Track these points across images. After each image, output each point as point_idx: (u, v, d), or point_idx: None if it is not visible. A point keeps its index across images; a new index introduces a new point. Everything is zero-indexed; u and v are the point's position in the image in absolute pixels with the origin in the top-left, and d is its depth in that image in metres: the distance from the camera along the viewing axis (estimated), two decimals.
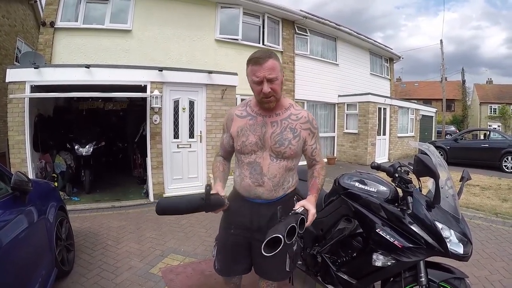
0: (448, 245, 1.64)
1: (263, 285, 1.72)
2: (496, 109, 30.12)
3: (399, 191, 1.93)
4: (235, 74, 6.29)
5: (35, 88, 5.14)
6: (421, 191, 1.93)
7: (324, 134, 10.76)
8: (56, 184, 5.23)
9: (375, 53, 13.10)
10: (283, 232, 1.23)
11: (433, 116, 15.42)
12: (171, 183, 5.82)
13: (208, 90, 6.04)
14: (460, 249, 1.66)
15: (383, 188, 1.99)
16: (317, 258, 2.19)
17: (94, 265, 3.02)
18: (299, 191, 2.43)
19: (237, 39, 8.42)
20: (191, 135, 6.01)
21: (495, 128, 21.85)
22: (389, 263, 1.78)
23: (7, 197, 2.05)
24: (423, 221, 1.72)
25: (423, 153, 1.92)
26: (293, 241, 1.67)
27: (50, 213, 2.57)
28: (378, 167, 1.98)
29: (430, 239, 1.68)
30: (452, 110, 32.39)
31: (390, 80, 14.29)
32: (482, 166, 9.49)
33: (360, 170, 2.28)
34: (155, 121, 5.55)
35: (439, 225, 1.68)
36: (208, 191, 1.41)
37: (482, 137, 14.02)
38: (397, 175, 1.89)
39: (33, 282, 1.97)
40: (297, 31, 9.88)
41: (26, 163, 4.99)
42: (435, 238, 1.67)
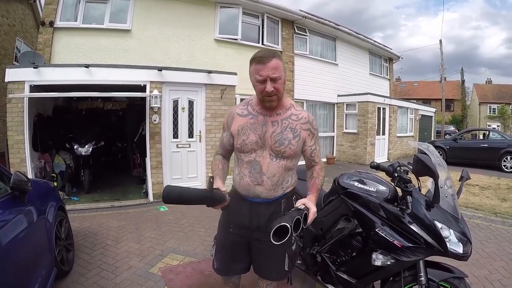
0: (448, 244, 1.64)
1: (262, 284, 1.72)
2: (495, 109, 30.17)
3: (399, 190, 1.93)
4: (235, 74, 6.29)
5: (34, 88, 5.13)
6: (420, 190, 1.93)
7: (323, 134, 10.76)
8: (56, 184, 5.22)
9: (374, 53, 13.10)
10: (291, 223, 1.23)
11: (432, 116, 15.43)
12: (171, 183, 5.76)
13: (208, 90, 6.04)
14: (460, 248, 1.66)
15: (382, 188, 1.99)
16: (316, 257, 2.19)
17: (94, 264, 3.01)
18: (298, 191, 2.43)
19: (236, 39, 8.42)
20: (190, 134, 6.01)
21: (494, 128, 21.85)
22: (388, 263, 1.79)
23: (7, 197, 2.05)
24: (422, 220, 1.72)
25: (423, 152, 1.92)
26: (297, 234, 1.67)
27: (49, 213, 2.57)
28: (378, 167, 1.99)
29: (429, 239, 1.68)
30: (451, 110, 32.41)
31: (389, 80, 14.29)
32: (481, 166, 9.51)
33: (359, 169, 2.28)
34: (155, 121, 5.55)
35: (439, 225, 1.68)
36: (211, 182, 1.40)
37: (481, 137, 14.03)
38: (396, 174, 1.90)
39: (33, 282, 1.96)
40: (296, 31, 9.87)
41: (25, 163, 4.99)
42: (434, 237, 1.67)
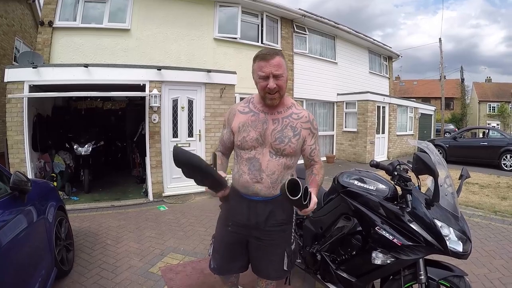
0: (448, 243, 1.64)
1: (262, 284, 1.72)
2: (495, 107, 30.15)
3: (398, 189, 1.94)
4: (234, 73, 6.28)
5: (34, 88, 5.13)
6: (420, 189, 1.93)
7: (323, 133, 10.76)
8: (55, 184, 5.22)
9: (374, 52, 13.08)
10: (302, 185, 1.22)
11: (432, 115, 15.41)
12: (170, 182, 5.82)
13: (207, 89, 6.04)
14: (460, 247, 1.66)
15: (382, 186, 1.99)
16: (316, 256, 2.19)
17: (94, 264, 3.02)
18: None
19: (235, 38, 8.40)
20: (190, 134, 6.01)
21: (494, 127, 21.87)
22: (388, 261, 1.79)
23: (6, 197, 2.05)
24: (422, 219, 1.72)
25: (422, 151, 1.92)
26: (293, 230, 1.67)
27: (49, 212, 2.57)
28: (377, 165, 1.99)
29: (429, 237, 1.68)
30: (451, 108, 32.41)
31: (389, 78, 14.27)
32: (481, 164, 9.51)
33: (359, 168, 2.28)
34: (154, 120, 5.55)
35: (438, 223, 1.68)
36: (215, 158, 1.40)
37: (481, 135, 14.07)
38: (396, 173, 1.90)
39: (33, 282, 1.97)
40: (295, 29, 9.84)
41: (25, 163, 4.99)
42: (434, 236, 1.67)
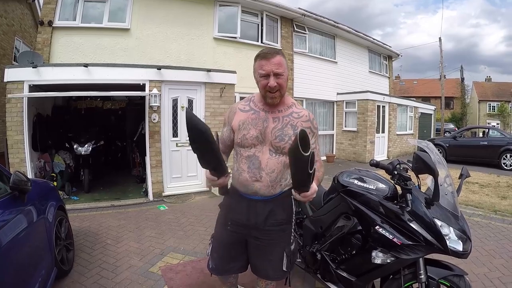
0: (448, 242, 1.64)
1: (261, 284, 1.72)
2: (495, 106, 30.12)
3: (398, 188, 1.94)
4: (234, 72, 6.28)
5: (34, 88, 5.12)
6: (420, 188, 1.93)
7: (323, 132, 10.76)
8: (55, 184, 5.22)
9: (374, 51, 13.08)
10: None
11: (432, 114, 15.42)
12: (170, 181, 5.82)
13: (207, 89, 6.03)
14: (459, 246, 1.66)
15: (382, 186, 1.99)
16: (316, 255, 2.19)
17: (94, 264, 3.02)
18: None
19: (235, 37, 8.40)
20: None
21: (494, 126, 21.86)
22: (388, 261, 1.79)
23: (6, 197, 2.04)
24: (422, 218, 1.72)
25: (422, 150, 1.92)
26: (292, 230, 1.66)
27: (49, 212, 2.57)
28: (377, 165, 1.99)
29: (429, 237, 1.68)
30: (451, 107, 32.41)
31: (389, 78, 14.27)
32: (481, 164, 9.50)
33: (359, 167, 2.28)
34: (154, 119, 5.55)
35: (438, 223, 1.68)
36: (217, 137, 1.41)
37: (481, 135, 14.07)
38: (396, 172, 1.90)
39: (33, 282, 1.97)
40: (295, 29, 9.84)
41: (25, 163, 4.99)
42: (434, 235, 1.67)
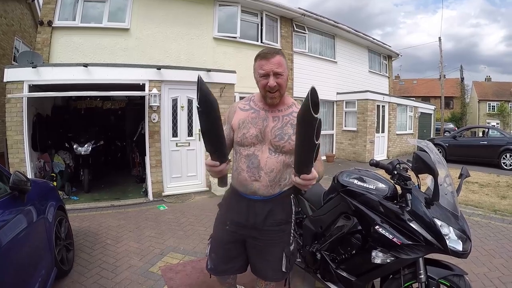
0: (447, 242, 1.64)
1: (261, 284, 1.72)
2: (494, 106, 30.13)
3: (398, 188, 1.94)
4: (234, 72, 6.28)
5: (33, 88, 5.12)
6: (420, 188, 1.93)
7: (322, 132, 10.67)
8: (55, 184, 5.22)
9: (373, 51, 13.08)
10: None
11: (431, 114, 15.41)
12: (170, 181, 5.82)
13: None
14: (459, 246, 1.66)
15: (382, 186, 1.99)
16: (316, 255, 2.19)
17: (94, 264, 3.02)
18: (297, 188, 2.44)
19: (235, 37, 8.39)
20: (189, 133, 6.01)
21: (494, 126, 21.87)
22: (388, 260, 1.78)
23: (6, 197, 2.04)
24: (422, 218, 1.72)
25: (422, 150, 1.92)
26: (292, 231, 1.65)
27: (49, 212, 2.57)
28: (377, 165, 1.99)
29: (429, 236, 1.68)
30: (450, 107, 32.42)
31: (388, 77, 14.27)
32: (480, 164, 9.51)
33: (358, 167, 2.28)
34: (154, 119, 5.54)
35: (438, 222, 1.68)
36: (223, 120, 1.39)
37: (480, 135, 14.06)
38: (396, 172, 1.90)
39: (33, 282, 1.97)
40: (295, 28, 9.84)
41: (25, 163, 4.98)
42: (434, 235, 1.67)
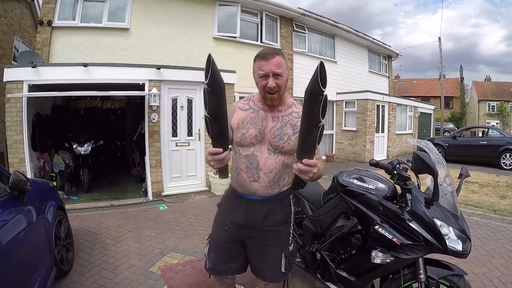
0: (447, 242, 1.64)
1: (260, 284, 1.72)
2: (494, 106, 30.13)
3: (398, 188, 1.94)
4: (233, 72, 6.28)
5: (33, 87, 5.11)
6: (419, 188, 1.93)
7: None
8: (55, 183, 5.21)
9: (373, 51, 13.08)
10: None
11: (431, 114, 15.42)
12: (170, 181, 5.82)
13: None
14: (459, 246, 1.66)
15: (381, 185, 1.99)
16: (316, 255, 2.19)
17: (94, 264, 3.02)
18: (298, 191, 2.43)
19: (235, 37, 8.39)
20: (189, 133, 6.01)
21: (494, 126, 21.87)
22: (388, 260, 1.79)
23: (6, 196, 2.04)
24: (422, 218, 1.72)
25: (422, 150, 1.92)
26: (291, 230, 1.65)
27: (49, 212, 2.57)
28: (377, 164, 1.99)
29: (429, 236, 1.68)
30: (450, 107, 32.44)
31: (388, 77, 14.27)
32: (480, 163, 9.51)
33: (358, 167, 2.28)
34: (154, 119, 5.54)
35: (438, 222, 1.68)
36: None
37: (480, 135, 14.06)
38: (395, 172, 1.90)
39: (33, 282, 1.96)
40: (295, 28, 9.84)
41: (25, 163, 4.98)
42: (434, 235, 1.67)
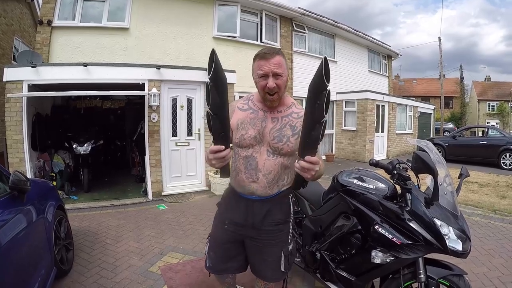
0: (447, 242, 1.64)
1: (260, 284, 1.72)
2: (494, 106, 30.13)
3: (398, 188, 1.94)
4: (233, 71, 6.27)
5: (33, 87, 5.11)
6: (419, 188, 1.93)
7: None
8: (55, 183, 5.21)
9: (373, 50, 13.08)
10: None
11: (431, 113, 15.41)
12: (170, 181, 5.82)
13: None
14: (459, 246, 1.66)
15: (381, 185, 1.99)
16: (316, 255, 2.19)
17: (93, 264, 3.02)
18: (298, 191, 2.44)
19: (235, 37, 8.39)
20: (189, 133, 6.00)
21: (493, 125, 21.87)
22: (388, 260, 1.79)
23: (6, 196, 2.04)
24: (421, 218, 1.72)
25: (422, 150, 1.92)
26: (290, 231, 1.65)
27: (48, 212, 2.56)
28: (377, 164, 1.99)
29: (428, 236, 1.68)
30: (450, 107, 32.44)
31: (388, 77, 14.27)
32: (480, 163, 9.51)
33: (358, 167, 2.28)
34: (153, 119, 5.54)
35: (438, 222, 1.68)
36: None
37: (480, 134, 14.07)
38: (395, 172, 1.90)
39: (33, 282, 1.96)
40: (295, 28, 9.84)
41: (24, 163, 4.98)
42: (433, 235, 1.67)
